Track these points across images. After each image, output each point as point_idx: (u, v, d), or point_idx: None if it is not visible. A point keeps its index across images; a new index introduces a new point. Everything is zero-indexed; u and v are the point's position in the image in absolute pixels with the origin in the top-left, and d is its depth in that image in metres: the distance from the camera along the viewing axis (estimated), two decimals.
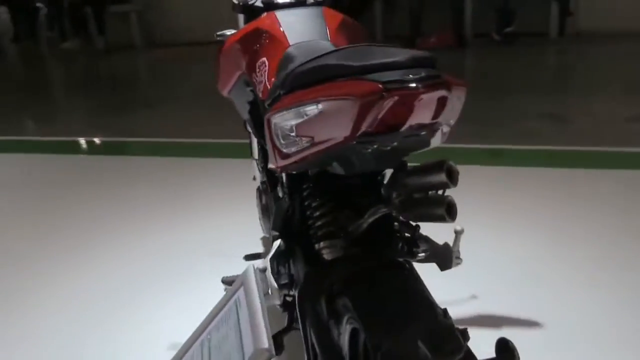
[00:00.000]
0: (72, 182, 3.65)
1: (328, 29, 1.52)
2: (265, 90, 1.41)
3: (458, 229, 1.40)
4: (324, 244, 1.33)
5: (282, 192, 1.57)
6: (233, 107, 1.89)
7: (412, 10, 7.03)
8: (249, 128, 1.92)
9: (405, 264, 1.28)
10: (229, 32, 1.85)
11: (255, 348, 0.87)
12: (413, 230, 1.40)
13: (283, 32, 1.49)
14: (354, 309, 1.10)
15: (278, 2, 1.68)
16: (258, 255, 1.87)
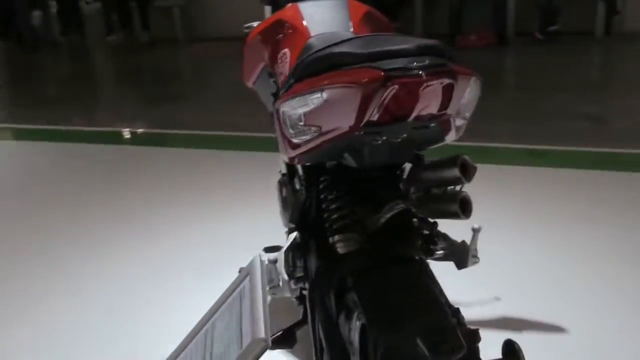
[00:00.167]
0: (111, 171, 3.73)
1: (351, 21, 1.50)
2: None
3: (476, 227, 1.37)
4: (338, 238, 1.32)
5: (299, 184, 1.56)
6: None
7: (452, 7, 6.91)
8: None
9: (419, 261, 1.25)
10: (256, 24, 1.85)
11: (252, 338, 0.86)
12: (431, 227, 1.38)
13: (305, 23, 1.48)
14: (361, 304, 1.08)
15: None
16: (278, 248, 1.86)
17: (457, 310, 1.12)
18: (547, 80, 5.39)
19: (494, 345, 1.05)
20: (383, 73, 0.95)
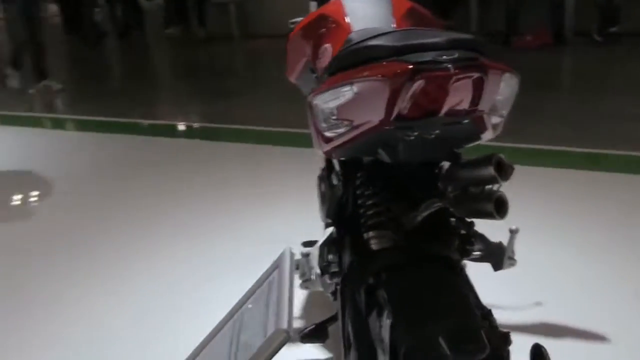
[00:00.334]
0: (166, 163, 3.83)
1: (394, 16, 1.49)
2: None
3: (513, 229, 1.34)
4: (373, 234, 1.31)
5: (336, 179, 1.56)
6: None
7: (508, 7, 6.75)
8: None
9: (454, 260, 1.24)
10: (301, 19, 1.86)
11: (275, 328, 0.87)
12: (468, 227, 1.36)
13: (347, 18, 1.48)
14: (389, 302, 1.07)
15: None
16: (316, 242, 1.86)
17: (488, 312, 1.09)
18: (604, 83, 5.22)
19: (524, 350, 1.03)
20: (411, 66, 0.94)
